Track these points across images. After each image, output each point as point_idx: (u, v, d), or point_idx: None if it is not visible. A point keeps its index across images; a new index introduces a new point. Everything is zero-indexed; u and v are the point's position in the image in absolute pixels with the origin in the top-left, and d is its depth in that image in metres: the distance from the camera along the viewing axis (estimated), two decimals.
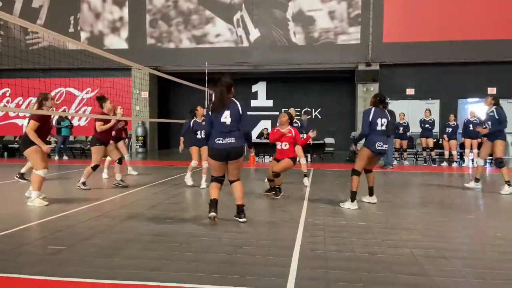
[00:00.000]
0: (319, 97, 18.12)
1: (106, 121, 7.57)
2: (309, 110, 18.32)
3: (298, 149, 7.69)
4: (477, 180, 7.90)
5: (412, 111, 15.36)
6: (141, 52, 16.71)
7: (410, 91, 16.01)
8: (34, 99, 17.74)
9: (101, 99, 7.69)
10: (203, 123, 7.23)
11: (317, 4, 15.98)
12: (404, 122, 13.24)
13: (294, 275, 3.24)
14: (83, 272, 3.25)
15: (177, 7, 16.86)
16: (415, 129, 13.69)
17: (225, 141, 4.78)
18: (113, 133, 8.15)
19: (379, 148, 5.84)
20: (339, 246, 4.02)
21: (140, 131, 17.13)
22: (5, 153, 14.91)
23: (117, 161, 7.83)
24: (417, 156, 14.01)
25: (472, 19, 14.87)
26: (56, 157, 14.16)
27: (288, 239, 4.24)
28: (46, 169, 5.93)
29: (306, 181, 8.12)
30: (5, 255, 3.68)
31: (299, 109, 18.23)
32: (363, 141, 6.12)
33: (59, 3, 17.39)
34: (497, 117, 7.48)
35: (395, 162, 12.70)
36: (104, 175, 9.02)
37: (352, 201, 5.90)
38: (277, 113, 15.67)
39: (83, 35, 17.34)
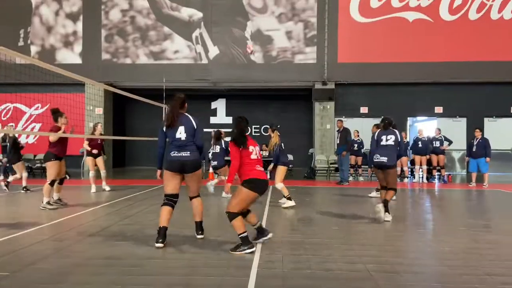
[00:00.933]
0: (278, 114, 18.35)
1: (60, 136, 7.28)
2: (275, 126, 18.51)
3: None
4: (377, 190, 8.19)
5: (366, 128, 15.90)
6: (95, 67, 16.23)
7: (363, 109, 16.61)
8: None
9: (56, 113, 7.51)
10: None
11: (274, 25, 16.34)
12: (359, 139, 13.69)
13: None
14: None
15: (134, 23, 16.62)
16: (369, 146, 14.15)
17: (179, 154, 4.77)
18: (95, 151, 9.27)
19: (376, 160, 6.38)
20: (296, 263, 4.01)
21: None
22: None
23: (58, 181, 7.47)
24: (372, 172, 14.45)
25: (423, 42, 15.74)
26: (1, 177, 13.27)
27: (245, 258, 4.18)
28: None
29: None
30: None
31: (258, 125, 18.39)
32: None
33: (7, 16, 16.62)
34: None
35: (350, 178, 13.03)
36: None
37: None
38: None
39: (34, 49, 16.63)
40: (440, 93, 16.14)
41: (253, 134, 18.10)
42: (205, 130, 18.91)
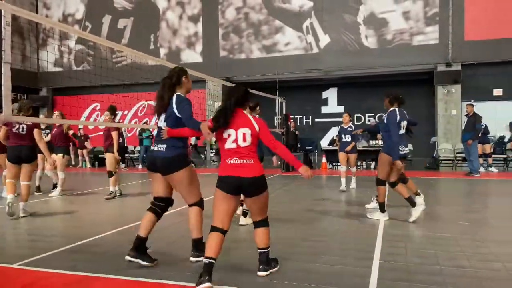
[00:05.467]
0: None
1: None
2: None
3: None
4: None
5: (500, 114, 14.09)
6: (214, 65, 17.41)
7: (497, 92, 14.70)
8: (120, 113, 19.38)
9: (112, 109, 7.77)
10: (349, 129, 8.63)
11: (390, 5, 15.42)
12: (482, 125, 12.14)
13: (375, 286, 3.14)
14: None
15: (247, 19, 17.32)
16: (504, 132, 12.55)
17: (155, 148, 3.68)
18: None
19: (402, 152, 5.39)
20: (421, 258, 3.81)
21: (214, 139, 17.74)
22: (96, 163, 16.33)
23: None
24: (508, 161, 12.80)
25: None
26: (140, 166, 15.26)
27: (366, 249, 4.12)
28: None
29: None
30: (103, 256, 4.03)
31: (372, 114, 17.67)
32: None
33: (141, 22, 18.79)
34: None
35: (482, 169, 11.71)
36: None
37: (382, 211, 5.49)
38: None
39: (162, 51, 18.53)
40: None
41: (366, 123, 17.47)
42: (316, 120, 18.99)
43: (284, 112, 14.42)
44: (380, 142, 12.27)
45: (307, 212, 6.12)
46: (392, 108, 5.59)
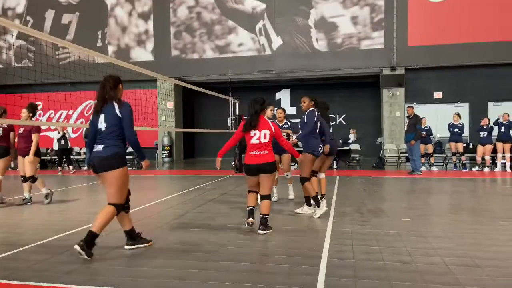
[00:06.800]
0: (343, 103, 17.95)
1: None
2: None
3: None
4: None
5: (440, 115, 15.01)
6: (166, 64, 17.06)
7: (437, 95, 15.65)
8: (65, 112, 18.44)
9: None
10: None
11: (339, 11, 15.92)
12: (426, 126, 12.93)
13: (322, 284, 3.20)
14: (113, 280, 3.32)
15: (200, 18, 17.16)
16: (444, 133, 13.38)
17: (96, 149, 3.96)
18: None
19: (321, 151, 5.77)
20: (367, 254, 3.95)
21: (166, 141, 17.42)
22: (38, 165, 15.39)
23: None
24: (447, 161, 13.66)
25: (501, 19, 14.44)
26: (86, 168, 14.57)
27: (315, 248, 4.20)
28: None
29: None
30: (42, 264, 3.81)
31: None
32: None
33: (87, 18, 18.01)
34: None
35: (423, 168, 12.40)
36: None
37: (318, 206, 5.67)
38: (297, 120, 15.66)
39: (111, 49, 17.87)
40: None
41: None
42: (270, 121, 19.17)
43: (237, 113, 14.43)
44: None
45: (257, 211, 6.15)
46: (311, 109, 5.93)
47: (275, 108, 7.34)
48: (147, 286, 3.20)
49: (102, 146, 3.90)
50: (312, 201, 5.77)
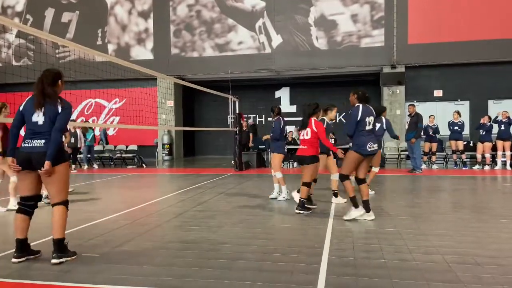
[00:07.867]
0: (343, 101, 17.91)
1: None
2: None
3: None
4: None
5: (441, 113, 15.00)
6: (166, 62, 17.05)
7: (437, 93, 15.64)
8: None
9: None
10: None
11: (339, 8, 15.89)
12: (434, 125, 12.86)
13: (323, 282, 3.20)
14: (115, 279, 3.32)
15: (200, 17, 17.13)
16: (444, 131, 13.36)
17: (31, 144, 3.69)
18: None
19: (370, 149, 5.32)
20: (368, 253, 3.95)
21: (166, 139, 17.41)
22: None
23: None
24: (447, 159, 13.65)
25: (503, 16, 14.41)
26: (86, 166, 14.55)
27: (316, 246, 4.20)
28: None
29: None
30: (42, 263, 3.81)
31: None
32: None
33: (87, 17, 17.98)
34: None
35: (424, 166, 12.39)
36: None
37: (356, 207, 5.34)
38: (300, 118, 15.64)
39: (110, 47, 17.85)
40: None
41: None
42: (269, 119, 19.15)
43: (237, 111, 14.42)
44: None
45: (257, 209, 6.16)
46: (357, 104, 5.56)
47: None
48: (148, 285, 3.20)
49: (43, 141, 3.65)
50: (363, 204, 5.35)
